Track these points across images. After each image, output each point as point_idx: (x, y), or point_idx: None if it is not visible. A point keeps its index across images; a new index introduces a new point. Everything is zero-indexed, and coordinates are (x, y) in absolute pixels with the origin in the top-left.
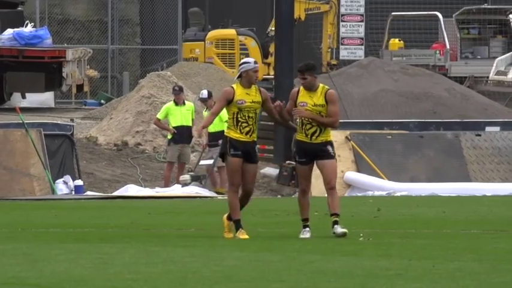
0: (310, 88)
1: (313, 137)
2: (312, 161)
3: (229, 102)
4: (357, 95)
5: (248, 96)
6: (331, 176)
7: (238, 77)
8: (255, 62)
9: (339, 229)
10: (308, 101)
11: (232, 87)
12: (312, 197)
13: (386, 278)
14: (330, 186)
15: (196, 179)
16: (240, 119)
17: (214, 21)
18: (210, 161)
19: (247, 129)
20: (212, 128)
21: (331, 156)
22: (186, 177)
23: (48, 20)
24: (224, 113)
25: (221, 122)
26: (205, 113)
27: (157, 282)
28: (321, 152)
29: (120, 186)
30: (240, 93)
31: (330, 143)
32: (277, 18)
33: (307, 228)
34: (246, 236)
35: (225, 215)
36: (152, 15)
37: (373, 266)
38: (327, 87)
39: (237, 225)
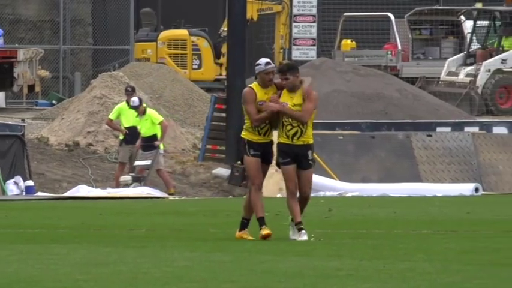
0: (293, 89)
1: (295, 138)
2: (295, 162)
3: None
4: None
5: (267, 96)
6: (306, 185)
7: (255, 78)
8: (267, 64)
9: (302, 237)
10: (288, 101)
11: (252, 88)
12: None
13: (337, 278)
14: (305, 196)
15: (137, 180)
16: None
17: (166, 21)
18: (145, 162)
19: (264, 129)
20: (146, 132)
21: (310, 165)
22: (127, 178)
23: None
24: (156, 116)
25: (153, 125)
26: (138, 119)
27: (108, 282)
28: (302, 158)
29: (71, 186)
30: (260, 94)
31: (310, 147)
32: (230, 18)
33: (303, 231)
34: (268, 231)
35: (238, 231)
36: (104, 16)
37: (324, 266)
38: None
39: (261, 222)
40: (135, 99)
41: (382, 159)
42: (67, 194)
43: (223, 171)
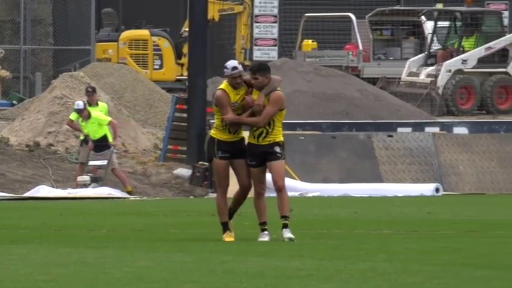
0: (261, 89)
1: (260, 138)
2: (263, 163)
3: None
4: None
5: (238, 97)
6: (277, 177)
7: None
8: (233, 68)
9: (286, 234)
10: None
11: (224, 90)
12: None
13: (298, 278)
14: (277, 187)
15: (95, 180)
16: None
17: (127, 21)
18: (99, 162)
19: (234, 128)
20: (94, 135)
21: (278, 157)
22: (85, 178)
23: None
24: (103, 117)
25: (101, 127)
26: (82, 123)
27: (68, 283)
28: (269, 154)
29: (31, 187)
30: (231, 95)
31: (278, 144)
32: (191, 19)
33: (266, 232)
34: (232, 239)
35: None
36: (65, 16)
37: (285, 267)
38: (278, 89)
39: (224, 227)
40: (79, 103)
41: (343, 159)
42: (27, 194)
43: (184, 171)
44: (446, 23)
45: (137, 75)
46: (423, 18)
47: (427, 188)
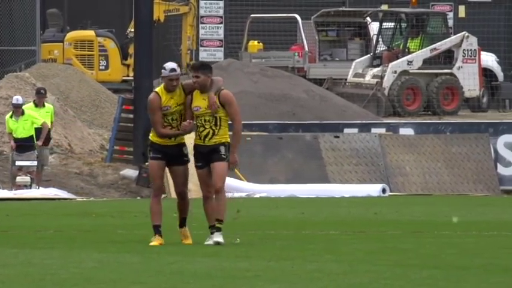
0: (203, 89)
1: (206, 139)
2: (209, 164)
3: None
4: None
5: (173, 101)
6: (217, 178)
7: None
8: (171, 70)
9: (217, 237)
10: (201, 104)
11: (157, 93)
12: (169, 199)
13: (245, 279)
14: (215, 189)
15: (32, 182)
16: (164, 123)
17: (73, 22)
18: (30, 163)
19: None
20: (23, 133)
21: (221, 158)
22: (26, 178)
23: None
24: (37, 117)
25: (31, 127)
26: (12, 120)
27: (15, 284)
28: (213, 154)
29: None
30: (165, 98)
31: (224, 144)
32: (137, 19)
33: (218, 232)
34: (156, 243)
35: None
36: (10, 16)
37: (232, 268)
38: (223, 88)
39: (155, 230)
40: (19, 98)
41: (289, 160)
42: None
43: (131, 172)
44: (391, 24)
45: (83, 76)
46: (368, 19)
47: (373, 189)
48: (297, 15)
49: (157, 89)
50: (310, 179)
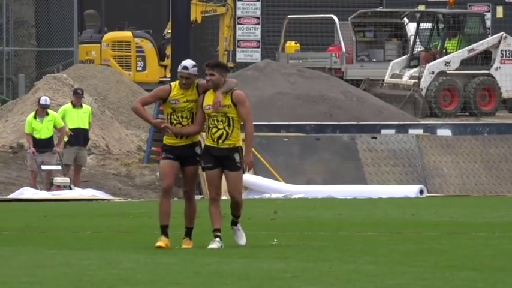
0: (216, 88)
1: (220, 141)
2: (220, 166)
3: (163, 100)
4: (253, 97)
5: (182, 96)
6: (233, 190)
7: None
8: (184, 68)
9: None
10: (213, 103)
11: (170, 86)
12: (208, 199)
13: (283, 280)
14: (233, 201)
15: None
16: (173, 120)
17: (110, 23)
18: (55, 167)
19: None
20: (46, 134)
21: (237, 168)
22: (66, 179)
23: None
24: (60, 120)
25: (53, 128)
26: (37, 120)
27: (53, 285)
28: (228, 161)
29: (15, 189)
30: (176, 93)
31: (238, 150)
32: (174, 20)
33: (218, 239)
34: (162, 244)
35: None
36: (48, 17)
37: (269, 268)
38: (235, 89)
39: (162, 230)
40: (47, 98)
41: (327, 161)
42: (11, 196)
43: None
44: (428, 25)
45: (120, 77)
46: (406, 20)
47: (411, 190)
48: (334, 16)
49: (173, 83)
50: (347, 180)
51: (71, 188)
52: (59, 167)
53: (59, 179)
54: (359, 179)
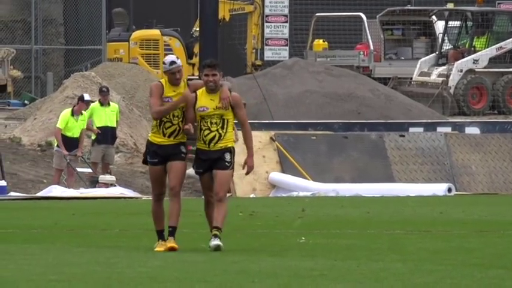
0: (216, 87)
1: (212, 144)
2: (211, 169)
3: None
4: (281, 95)
5: (174, 94)
6: (218, 188)
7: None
8: (171, 63)
9: (214, 241)
10: (209, 104)
11: (160, 83)
12: (235, 198)
13: (310, 278)
14: (217, 198)
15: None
16: (164, 119)
17: (138, 21)
18: (85, 169)
19: (170, 130)
20: (76, 133)
21: (225, 167)
22: (112, 177)
23: None
24: (85, 120)
25: (80, 129)
26: (73, 118)
27: (81, 283)
28: (218, 160)
29: (44, 186)
30: (167, 90)
31: (229, 150)
32: (202, 18)
33: (217, 238)
34: (161, 249)
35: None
36: (76, 15)
37: (297, 266)
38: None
39: (158, 235)
40: (88, 95)
41: (355, 159)
42: (40, 194)
43: None
44: (457, 23)
45: (148, 75)
46: (434, 18)
47: (439, 188)
48: (362, 14)
49: (161, 80)
50: (375, 178)
51: (115, 186)
52: (89, 170)
53: (107, 177)
54: (387, 177)
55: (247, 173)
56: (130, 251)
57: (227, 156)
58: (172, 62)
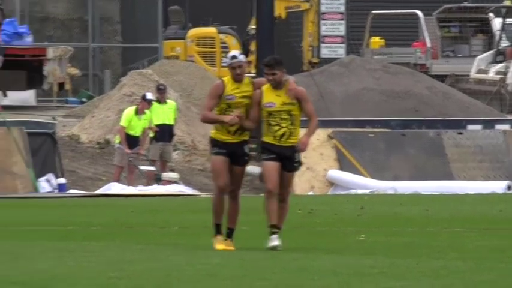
0: (277, 85)
1: (283, 139)
2: (280, 162)
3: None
4: (338, 93)
5: (238, 91)
6: (284, 188)
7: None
8: (232, 57)
9: (273, 242)
10: (275, 100)
11: (222, 81)
12: (294, 195)
13: (370, 276)
14: (281, 198)
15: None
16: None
17: (194, 19)
18: (149, 168)
19: (234, 128)
20: (138, 132)
21: (294, 168)
22: (175, 175)
23: (28, 18)
24: (149, 119)
25: (142, 128)
26: (135, 116)
27: (141, 280)
28: (288, 160)
29: (102, 184)
30: (230, 88)
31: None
32: (258, 16)
33: (275, 235)
34: (221, 246)
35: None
36: (133, 13)
37: (357, 264)
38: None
39: (217, 229)
40: (150, 94)
41: (413, 156)
42: (99, 191)
43: (255, 168)
44: None
45: (205, 73)
46: (491, 15)
47: (498, 186)
48: (418, 12)
49: (224, 78)
50: (433, 175)
51: (178, 183)
52: (154, 168)
53: (171, 174)
54: (445, 175)
55: (299, 150)
56: (189, 249)
57: (296, 156)
58: (234, 57)
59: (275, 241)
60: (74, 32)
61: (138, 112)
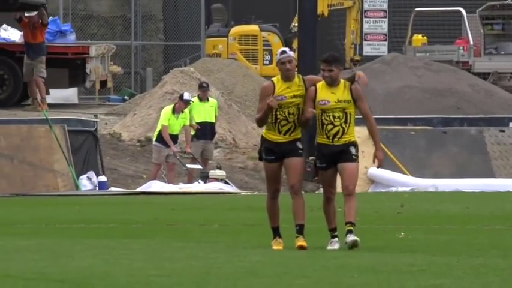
0: (333, 83)
1: (336, 139)
2: (334, 164)
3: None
4: (380, 90)
5: (288, 90)
6: (348, 181)
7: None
8: (282, 52)
9: (350, 237)
10: (330, 98)
11: (272, 82)
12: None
13: (410, 273)
14: (347, 192)
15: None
16: (279, 116)
17: (237, 17)
18: (195, 166)
19: (285, 128)
20: (176, 131)
21: (353, 159)
22: (222, 173)
23: (71, 16)
24: (187, 118)
25: (180, 127)
26: (173, 116)
27: (181, 277)
28: (343, 154)
29: (143, 182)
30: (280, 88)
31: (354, 144)
32: (301, 14)
33: (336, 239)
34: (279, 247)
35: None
36: (175, 11)
37: (396, 262)
38: (347, 81)
39: (275, 232)
40: (190, 94)
41: (454, 154)
42: (140, 189)
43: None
44: None
45: (247, 71)
46: None
47: None
48: (461, 9)
49: (273, 78)
50: (475, 173)
51: (226, 182)
52: (200, 166)
53: (217, 172)
54: (487, 173)
55: (378, 167)
56: (229, 246)
57: (353, 150)
58: (283, 52)
59: (335, 245)
60: (116, 30)
61: (176, 111)
